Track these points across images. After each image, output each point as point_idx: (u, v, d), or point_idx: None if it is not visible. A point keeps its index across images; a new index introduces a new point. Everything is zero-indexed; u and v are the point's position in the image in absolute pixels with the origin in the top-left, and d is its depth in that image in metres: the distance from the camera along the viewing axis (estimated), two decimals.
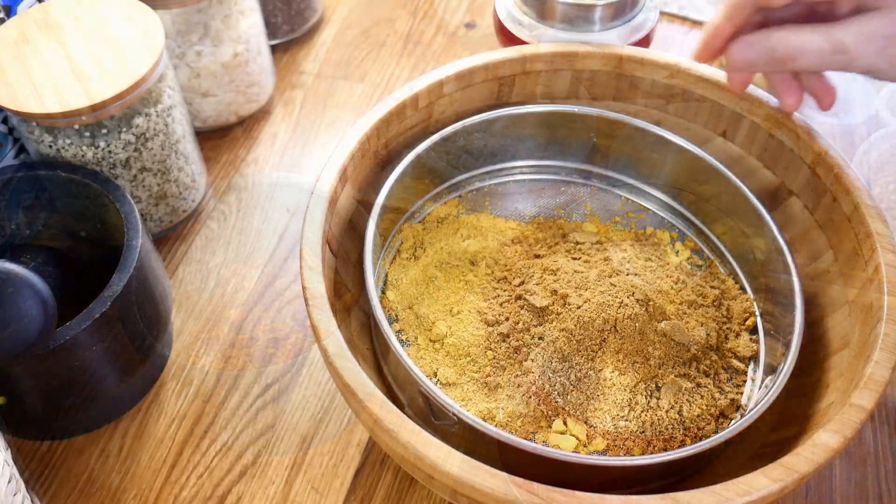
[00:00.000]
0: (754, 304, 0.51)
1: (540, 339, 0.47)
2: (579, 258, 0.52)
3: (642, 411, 0.46)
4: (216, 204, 0.64)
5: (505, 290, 0.50)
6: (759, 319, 0.50)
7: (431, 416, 0.42)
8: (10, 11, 0.55)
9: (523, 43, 0.60)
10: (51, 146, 0.52)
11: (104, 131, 0.51)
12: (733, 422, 0.45)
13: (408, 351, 0.49)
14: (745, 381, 0.48)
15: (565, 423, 0.46)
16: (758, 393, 0.47)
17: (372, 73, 0.73)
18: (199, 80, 0.63)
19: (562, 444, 0.45)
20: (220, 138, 0.68)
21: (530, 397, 0.46)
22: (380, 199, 0.48)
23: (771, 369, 0.47)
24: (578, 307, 0.47)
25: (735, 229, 0.52)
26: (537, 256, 0.53)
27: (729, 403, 0.47)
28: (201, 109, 0.65)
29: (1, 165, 0.54)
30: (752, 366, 0.49)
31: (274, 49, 0.73)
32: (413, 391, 0.44)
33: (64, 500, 0.49)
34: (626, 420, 0.45)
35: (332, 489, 0.49)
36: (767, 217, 0.49)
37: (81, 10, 0.54)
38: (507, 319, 0.49)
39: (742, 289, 0.52)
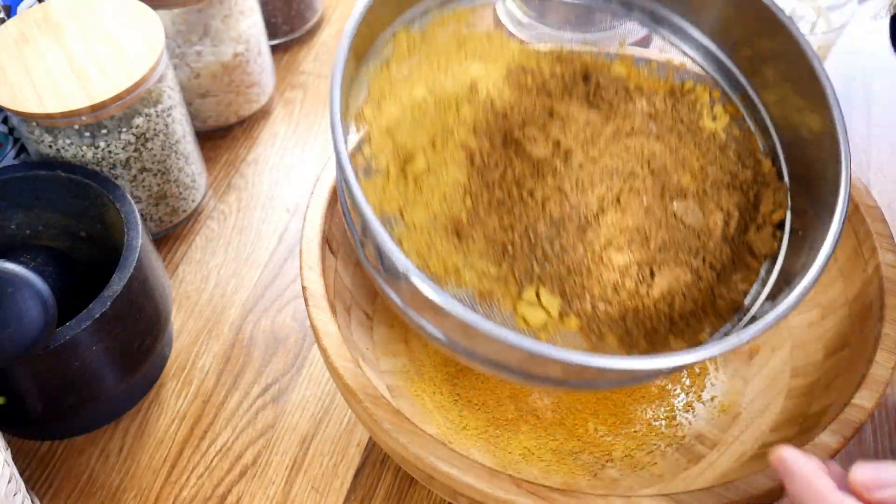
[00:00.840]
0: (787, 195, 0.44)
1: (530, 194, 0.41)
2: (597, 105, 0.45)
3: (628, 297, 0.40)
4: (216, 204, 0.64)
5: (502, 129, 0.43)
6: (788, 214, 0.43)
7: (381, 266, 0.37)
8: (10, 11, 0.55)
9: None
10: (51, 146, 0.52)
11: (104, 131, 0.51)
12: (723, 331, 0.40)
13: (374, 181, 0.42)
14: (754, 281, 0.42)
15: (538, 295, 0.40)
16: (764, 303, 0.41)
17: None
18: (199, 80, 0.63)
19: (529, 317, 0.40)
20: (220, 138, 0.68)
21: (504, 257, 0.40)
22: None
23: (787, 277, 0.41)
24: (580, 166, 0.41)
25: (789, 100, 0.44)
26: (549, 94, 0.45)
27: (729, 304, 0.41)
28: (201, 109, 0.65)
29: (1, 165, 0.54)
30: (766, 265, 0.43)
31: (274, 49, 0.73)
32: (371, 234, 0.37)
33: (64, 500, 0.49)
34: (608, 304, 0.40)
35: (332, 489, 0.49)
36: (829, 90, 0.41)
37: (81, 10, 0.54)
38: (496, 165, 0.42)
39: (779, 174, 0.45)
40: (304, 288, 0.43)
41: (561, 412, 0.48)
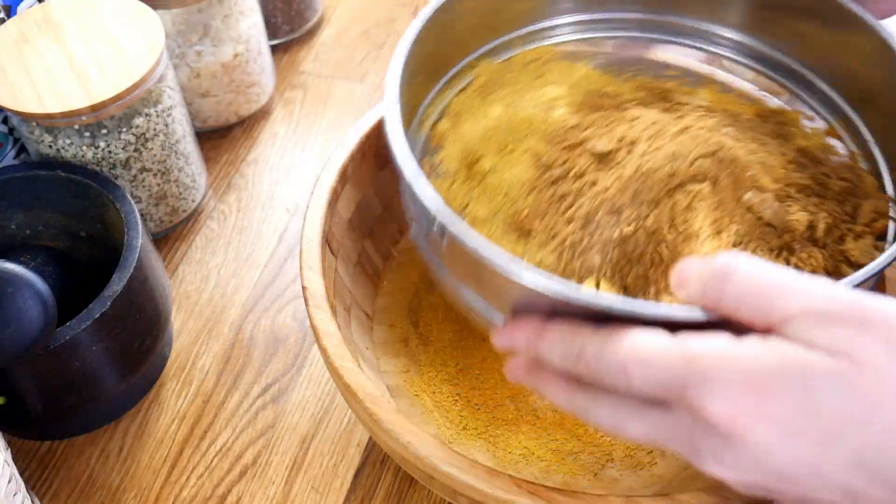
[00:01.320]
0: (891, 206, 0.41)
1: (592, 185, 0.39)
2: (669, 111, 0.44)
3: None
4: (216, 204, 0.64)
5: (573, 137, 0.42)
6: (892, 224, 0.40)
7: (426, 238, 0.36)
8: (10, 11, 0.55)
9: None
10: (51, 146, 0.52)
11: (104, 131, 0.51)
12: None
13: (439, 181, 0.42)
14: None
15: (598, 286, 0.38)
16: None
17: (372, 73, 0.73)
18: (199, 80, 0.63)
19: None
20: (220, 138, 0.68)
21: (564, 249, 0.38)
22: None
23: None
24: (643, 155, 0.39)
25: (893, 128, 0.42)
26: (625, 110, 0.45)
27: None
28: (201, 109, 0.65)
29: (1, 165, 0.54)
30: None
31: (274, 49, 0.73)
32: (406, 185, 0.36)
33: (64, 500, 0.49)
34: (673, 298, 0.37)
35: (332, 489, 0.49)
36: None
37: (81, 10, 0.54)
38: (563, 163, 0.41)
39: (882, 188, 0.41)
40: (304, 288, 0.43)
41: (561, 412, 0.48)
